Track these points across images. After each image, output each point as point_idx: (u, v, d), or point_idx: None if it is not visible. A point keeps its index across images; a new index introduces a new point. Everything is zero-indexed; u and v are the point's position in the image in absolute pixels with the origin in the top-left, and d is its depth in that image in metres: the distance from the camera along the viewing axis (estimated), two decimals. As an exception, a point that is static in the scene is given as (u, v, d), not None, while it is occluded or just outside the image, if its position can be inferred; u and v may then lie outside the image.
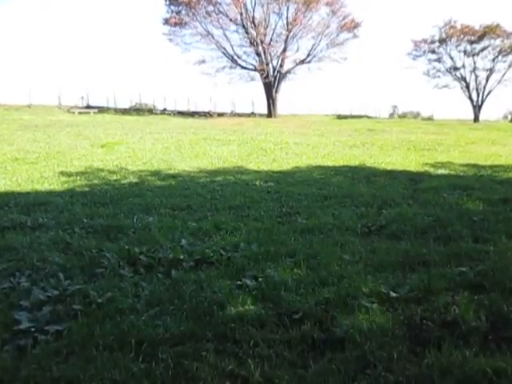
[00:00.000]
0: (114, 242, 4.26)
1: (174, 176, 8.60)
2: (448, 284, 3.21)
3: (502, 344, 2.42)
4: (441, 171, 9.64)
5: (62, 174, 8.40)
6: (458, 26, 47.38)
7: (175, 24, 35.25)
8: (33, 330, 2.56)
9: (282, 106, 39.83)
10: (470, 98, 49.86)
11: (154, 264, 3.59)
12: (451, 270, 3.48)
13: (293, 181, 8.17)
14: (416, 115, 51.97)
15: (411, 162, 11.16)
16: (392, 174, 9.05)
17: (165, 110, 36.56)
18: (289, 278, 3.29)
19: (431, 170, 9.89)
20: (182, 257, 3.69)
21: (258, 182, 7.83)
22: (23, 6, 70.04)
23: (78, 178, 8.04)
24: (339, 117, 40.68)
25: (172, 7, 35.54)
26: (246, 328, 2.58)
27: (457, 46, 48.37)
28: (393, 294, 3.01)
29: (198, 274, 3.38)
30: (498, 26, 46.06)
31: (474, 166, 10.79)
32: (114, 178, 8.21)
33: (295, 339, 2.48)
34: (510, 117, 57.58)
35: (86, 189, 7.13)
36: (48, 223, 4.95)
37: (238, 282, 3.22)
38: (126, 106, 36.27)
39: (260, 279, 3.26)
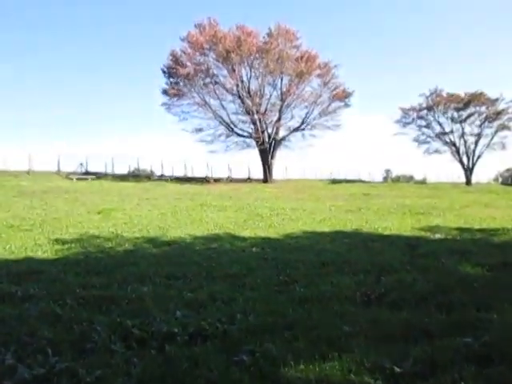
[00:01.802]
0: (106, 313, 4.11)
1: (169, 243, 8.53)
2: (453, 356, 3.07)
3: (516, 425, 2.27)
4: (437, 235, 9.64)
5: (57, 241, 8.31)
6: (444, 95, 49.68)
7: (174, 95, 36.72)
8: (15, 414, 2.39)
9: (277, 171, 40.59)
10: (461, 161, 51.13)
11: (147, 338, 3.45)
12: (455, 341, 3.36)
13: (290, 247, 8.11)
14: (409, 179, 52.92)
15: (407, 227, 11.18)
16: (389, 239, 9.02)
17: (162, 175, 37.07)
18: (288, 352, 3.15)
19: (428, 234, 9.90)
20: (176, 330, 3.55)
21: (254, 249, 7.76)
22: (23, 70, 73.10)
23: (73, 245, 7.95)
24: (334, 181, 41.28)
25: (171, 79, 37.22)
26: (243, 410, 2.42)
27: (444, 113, 50.40)
28: (397, 369, 2.87)
29: (193, 349, 3.23)
30: (482, 93, 48.35)
31: (470, 229, 10.83)
32: (109, 245, 8.12)
33: (296, 422, 2.32)
34: (500, 179, 58.73)
35: (80, 257, 7.03)
36: (39, 294, 4.81)
37: (235, 358, 3.07)
38: (125, 171, 36.84)
39: (257, 354, 3.11)
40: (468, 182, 48.64)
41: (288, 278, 5.59)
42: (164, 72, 37.08)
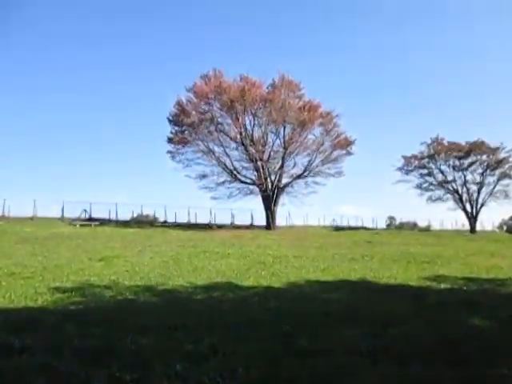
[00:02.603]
0: (104, 366, 3.98)
1: (171, 291, 8.42)
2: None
3: None
4: (443, 285, 9.49)
5: (57, 289, 8.20)
6: (445, 143, 50.33)
7: (178, 142, 37.38)
8: None
9: (280, 218, 40.59)
10: (465, 209, 50.98)
11: (145, 394, 3.33)
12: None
13: (293, 297, 7.97)
14: (413, 226, 52.52)
15: (413, 276, 11.03)
16: (394, 289, 8.89)
17: (165, 222, 37.09)
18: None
19: (434, 284, 9.74)
20: (175, 386, 3.44)
21: (256, 299, 7.63)
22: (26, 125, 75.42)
23: (73, 293, 7.85)
24: (337, 228, 41.14)
25: (176, 127, 38.01)
26: None
27: (446, 161, 50.83)
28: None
29: (193, 406, 3.12)
30: (482, 142, 48.98)
31: (477, 279, 10.67)
32: (110, 293, 8.01)
33: None
34: (505, 227, 58.33)
35: (80, 306, 6.92)
36: (37, 345, 4.69)
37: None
38: (128, 217, 36.83)
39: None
40: (472, 230, 48.26)
41: (291, 329, 5.46)
42: (170, 120, 37.93)
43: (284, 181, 39.63)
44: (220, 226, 36.09)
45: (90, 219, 32.97)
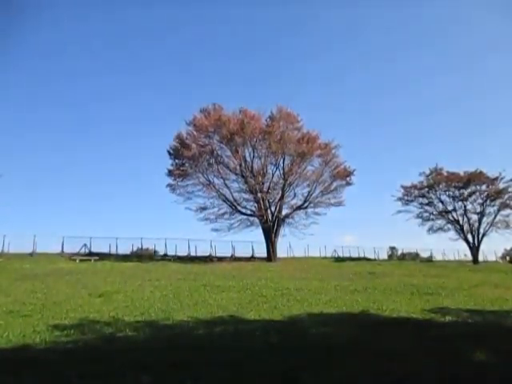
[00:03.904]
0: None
1: (171, 327, 8.29)
2: None
3: None
4: (448, 318, 9.35)
5: (56, 327, 8.08)
6: (444, 173, 50.47)
7: (178, 175, 37.56)
8: None
9: (281, 249, 40.31)
10: (466, 239, 50.55)
11: None
12: None
13: (295, 331, 7.85)
14: (415, 256, 52.12)
15: (416, 308, 10.88)
16: (398, 322, 8.76)
17: (165, 255, 36.81)
18: None
19: (438, 316, 9.61)
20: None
21: (258, 333, 7.51)
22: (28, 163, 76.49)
23: (72, 331, 7.71)
24: (338, 259, 40.84)
25: (176, 160, 38.26)
26: None
27: (445, 191, 50.82)
28: None
29: None
30: (481, 172, 49.11)
31: (481, 311, 10.52)
32: (109, 330, 7.88)
33: None
34: (508, 258, 57.80)
35: (79, 344, 6.79)
36: (34, 386, 4.61)
37: None
38: (128, 251, 36.61)
39: None
40: (475, 261, 47.79)
41: (295, 365, 5.36)
42: (170, 153, 38.22)
43: (284, 212, 39.63)
44: (220, 259, 35.80)
45: (90, 254, 32.70)
